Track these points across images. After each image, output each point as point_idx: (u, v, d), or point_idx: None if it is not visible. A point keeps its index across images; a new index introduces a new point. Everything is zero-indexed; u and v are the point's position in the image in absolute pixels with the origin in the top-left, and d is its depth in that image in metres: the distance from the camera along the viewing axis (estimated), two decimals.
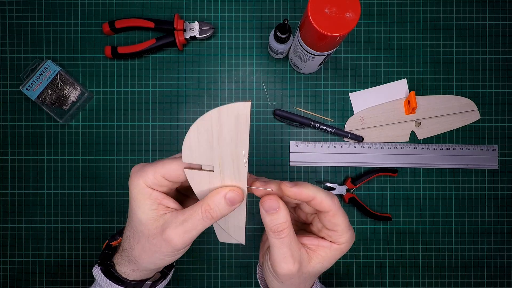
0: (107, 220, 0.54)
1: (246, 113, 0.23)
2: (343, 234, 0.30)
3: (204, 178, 0.28)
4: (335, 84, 0.55)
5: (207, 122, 0.24)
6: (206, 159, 0.26)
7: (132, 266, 0.32)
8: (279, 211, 0.28)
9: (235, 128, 0.24)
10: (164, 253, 0.29)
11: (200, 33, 0.53)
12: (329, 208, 0.29)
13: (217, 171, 0.27)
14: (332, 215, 0.29)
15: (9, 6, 0.54)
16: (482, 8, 0.55)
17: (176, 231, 0.27)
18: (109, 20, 0.54)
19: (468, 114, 0.55)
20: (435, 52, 0.55)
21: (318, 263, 0.31)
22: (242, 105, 0.23)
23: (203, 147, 0.26)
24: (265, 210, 0.29)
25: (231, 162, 0.26)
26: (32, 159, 0.54)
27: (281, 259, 0.29)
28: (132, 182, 0.29)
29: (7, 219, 0.54)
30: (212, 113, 0.24)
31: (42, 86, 0.51)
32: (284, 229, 0.28)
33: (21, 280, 0.54)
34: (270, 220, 0.28)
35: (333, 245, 0.31)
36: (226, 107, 0.23)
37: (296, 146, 0.54)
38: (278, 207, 0.28)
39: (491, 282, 0.55)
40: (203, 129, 0.25)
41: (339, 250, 0.31)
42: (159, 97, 0.54)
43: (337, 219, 0.29)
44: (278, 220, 0.28)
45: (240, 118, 0.24)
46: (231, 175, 0.27)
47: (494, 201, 0.55)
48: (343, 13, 0.37)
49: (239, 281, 0.54)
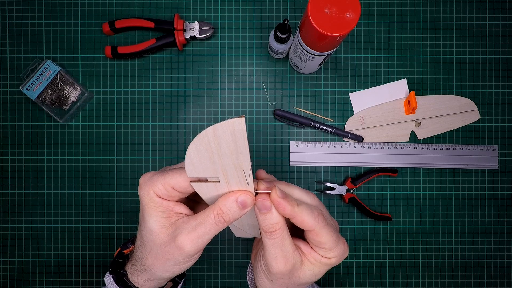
0: (107, 220, 0.54)
1: (242, 128, 0.23)
2: (331, 251, 0.29)
3: (211, 188, 0.28)
4: (335, 84, 0.55)
5: (204, 139, 0.24)
6: (210, 172, 0.26)
7: (145, 275, 0.32)
8: (271, 211, 0.28)
9: (233, 142, 0.24)
10: (177, 260, 0.28)
11: (200, 33, 0.53)
12: (310, 227, 0.28)
13: (222, 181, 0.27)
14: (315, 234, 0.28)
15: (9, 6, 0.54)
16: (482, 8, 0.55)
17: (188, 236, 0.27)
18: (109, 20, 0.54)
19: (468, 114, 0.55)
20: (435, 52, 0.55)
21: (309, 270, 0.30)
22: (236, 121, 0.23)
23: (205, 163, 0.26)
24: (258, 209, 0.28)
25: (235, 172, 0.26)
26: (32, 159, 0.54)
27: (272, 258, 0.29)
28: (142, 191, 0.29)
29: (7, 219, 0.54)
30: (207, 131, 0.24)
31: (42, 86, 0.51)
32: (276, 230, 0.28)
33: (21, 280, 0.54)
34: (262, 219, 0.28)
35: (323, 259, 0.30)
36: (220, 124, 0.23)
37: (296, 146, 0.54)
38: (271, 207, 0.28)
39: (491, 282, 0.55)
40: (201, 147, 0.25)
41: (329, 264, 0.30)
42: (159, 97, 0.54)
43: (321, 237, 0.29)
44: (271, 221, 0.28)
45: (236, 133, 0.23)
46: (237, 183, 0.27)
47: (494, 201, 0.55)
48: (343, 13, 0.37)
49: (239, 281, 0.54)
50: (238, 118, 0.23)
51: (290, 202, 0.28)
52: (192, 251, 0.27)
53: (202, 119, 0.55)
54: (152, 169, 0.54)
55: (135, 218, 0.54)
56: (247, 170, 0.26)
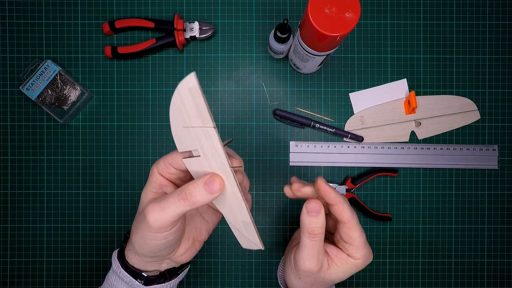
0: (107, 220, 0.54)
1: (195, 84, 0.24)
2: (358, 249, 0.32)
3: (195, 164, 0.29)
4: (335, 84, 0.55)
5: (174, 103, 0.26)
6: (191, 143, 0.27)
7: (131, 249, 0.33)
8: (319, 215, 0.31)
9: (193, 102, 0.25)
10: (145, 232, 0.29)
11: (200, 33, 0.53)
12: (347, 219, 0.31)
13: (202, 155, 0.28)
14: (349, 227, 0.31)
15: (9, 6, 0.54)
16: (482, 8, 0.55)
17: (152, 207, 0.28)
18: (109, 20, 0.54)
19: (468, 114, 0.55)
20: (435, 52, 0.55)
21: (334, 273, 0.33)
22: (189, 78, 0.24)
23: (183, 132, 0.27)
24: (307, 211, 0.31)
25: (206, 141, 0.27)
26: (32, 159, 0.54)
27: (307, 258, 0.32)
28: (151, 169, 0.32)
29: (7, 219, 0.54)
30: (175, 93, 0.25)
31: (42, 86, 0.51)
32: (319, 233, 0.31)
33: (21, 280, 0.54)
34: (309, 221, 0.31)
35: (349, 259, 0.33)
36: (179, 85, 0.25)
37: (296, 146, 0.54)
38: (320, 211, 0.31)
39: (491, 282, 0.55)
40: (175, 111, 0.26)
41: (354, 265, 0.33)
42: (159, 97, 0.54)
43: (353, 232, 0.32)
44: (317, 224, 0.31)
45: (192, 90, 0.24)
46: (210, 154, 0.27)
47: (494, 201, 0.55)
48: (343, 13, 0.37)
49: (239, 281, 0.54)
50: (190, 75, 0.24)
51: (335, 190, 0.31)
52: (154, 224, 0.28)
53: None
54: None
55: None
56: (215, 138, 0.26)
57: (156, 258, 0.32)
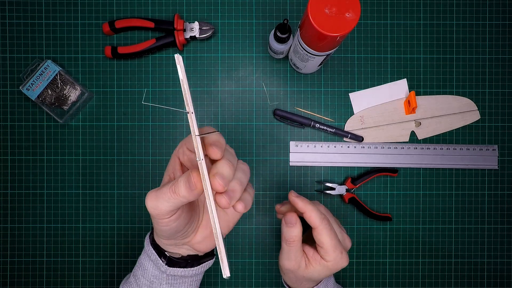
0: (107, 220, 0.54)
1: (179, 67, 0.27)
2: (328, 253, 0.36)
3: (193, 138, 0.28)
4: (335, 84, 0.55)
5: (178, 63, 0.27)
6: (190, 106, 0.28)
7: None
8: (295, 226, 0.37)
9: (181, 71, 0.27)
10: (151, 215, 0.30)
11: (200, 33, 0.53)
12: (315, 225, 0.36)
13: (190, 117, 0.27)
14: (318, 232, 0.36)
15: (9, 6, 0.54)
16: (482, 8, 0.55)
17: (150, 193, 0.29)
18: (109, 20, 0.54)
19: (468, 114, 0.55)
20: (435, 52, 0.55)
21: (311, 271, 0.38)
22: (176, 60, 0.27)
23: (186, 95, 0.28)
24: (285, 222, 0.37)
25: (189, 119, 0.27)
26: (32, 159, 0.54)
27: (286, 259, 0.38)
28: None
29: (7, 219, 0.54)
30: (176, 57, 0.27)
31: (42, 86, 0.51)
32: (294, 241, 0.37)
33: (21, 280, 0.54)
34: (286, 231, 0.37)
35: (322, 261, 0.37)
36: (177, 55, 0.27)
37: (296, 146, 0.54)
38: (295, 222, 0.37)
39: (491, 282, 0.55)
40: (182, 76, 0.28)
41: (326, 267, 0.37)
42: (159, 97, 0.54)
43: (321, 237, 0.36)
44: (293, 233, 0.37)
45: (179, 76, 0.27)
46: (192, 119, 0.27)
47: (494, 201, 0.55)
48: (343, 13, 0.37)
49: (239, 281, 0.54)
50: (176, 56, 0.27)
51: (303, 200, 0.37)
52: (152, 211, 0.29)
53: (202, 119, 0.55)
54: (152, 169, 0.54)
55: (135, 218, 0.54)
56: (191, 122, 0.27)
57: (172, 241, 0.33)
